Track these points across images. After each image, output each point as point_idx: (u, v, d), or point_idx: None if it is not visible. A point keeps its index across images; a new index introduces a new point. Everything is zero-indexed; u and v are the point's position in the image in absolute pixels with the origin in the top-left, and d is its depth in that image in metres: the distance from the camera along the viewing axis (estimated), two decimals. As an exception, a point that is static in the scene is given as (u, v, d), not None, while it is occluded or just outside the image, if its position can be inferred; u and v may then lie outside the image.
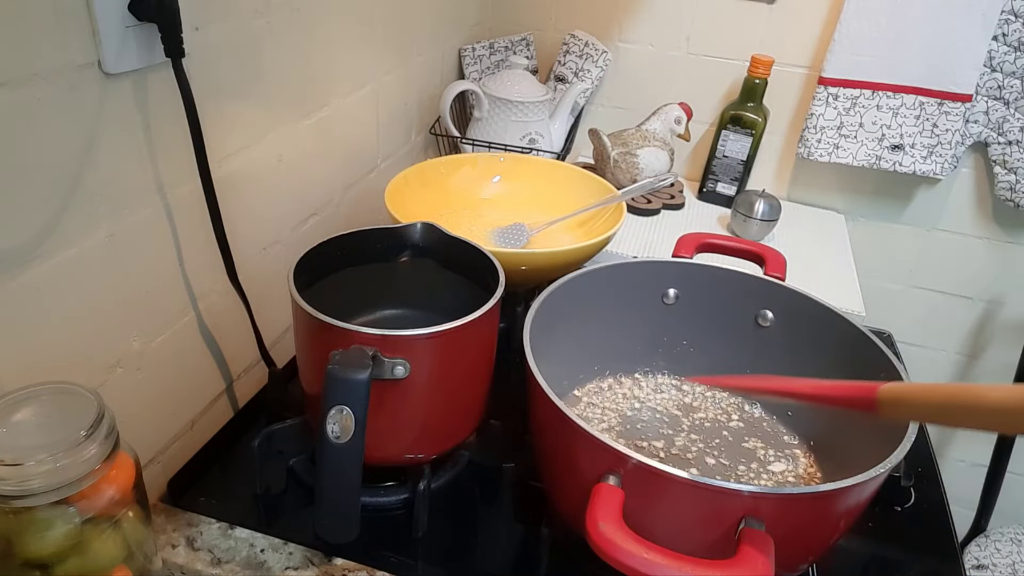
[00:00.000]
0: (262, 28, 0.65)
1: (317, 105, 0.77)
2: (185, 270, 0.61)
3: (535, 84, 1.13)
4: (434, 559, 0.58)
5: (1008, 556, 1.15)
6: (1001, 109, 1.16)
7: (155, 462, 0.62)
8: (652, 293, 0.71)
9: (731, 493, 0.44)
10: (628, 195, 0.88)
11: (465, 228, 0.92)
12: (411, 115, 1.05)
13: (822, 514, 0.48)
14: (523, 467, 0.64)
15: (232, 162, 0.64)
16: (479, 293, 0.61)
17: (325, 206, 0.83)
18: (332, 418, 0.47)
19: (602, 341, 0.71)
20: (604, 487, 0.45)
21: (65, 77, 0.45)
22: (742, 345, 0.70)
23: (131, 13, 0.48)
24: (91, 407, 0.42)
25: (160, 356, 0.60)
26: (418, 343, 0.53)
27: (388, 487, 0.63)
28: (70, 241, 0.48)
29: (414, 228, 0.69)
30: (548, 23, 1.32)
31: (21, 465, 0.38)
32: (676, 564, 0.41)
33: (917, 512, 0.68)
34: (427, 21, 1.05)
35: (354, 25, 0.81)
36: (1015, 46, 1.11)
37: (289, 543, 0.58)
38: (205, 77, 0.58)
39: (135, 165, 0.53)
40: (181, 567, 0.55)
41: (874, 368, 0.58)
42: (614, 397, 0.71)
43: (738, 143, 1.20)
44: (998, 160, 1.19)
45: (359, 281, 0.68)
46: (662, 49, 1.28)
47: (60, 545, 0.41)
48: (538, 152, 1.10)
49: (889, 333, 0.96)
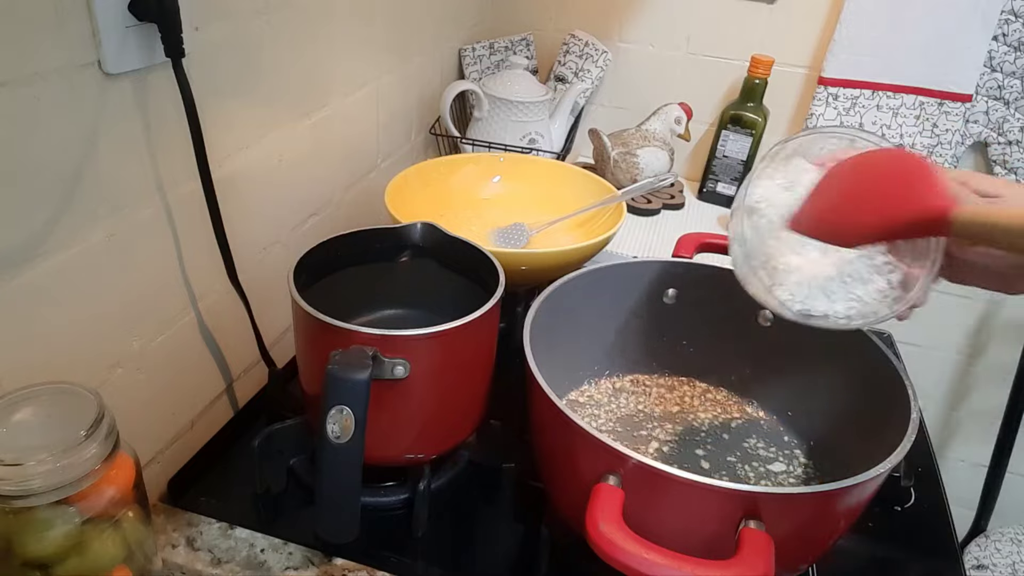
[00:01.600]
0: (262, 28, 0.65)
1: (317, 105, 0.77)
2: (185, 270, 0.61)
3: (535, 84, 1.13)
4: (434, 559, 0.58)
5: (1008, 556, 1.15)
6: (1001, 109, 1.16)
7: (155, 462, 0.62)
8: (652, 293, 0.71)
9: (731, 493, 0.44)
10: (628, 195, 0.88)
11: (465, 228, 0.92)
12: (411, 115, 1.05)
13: (822, 514, 0.48)
14: (523, 467, 0.64)
15: (232, 162, 0.64)
16: (479, 293, 0.61)
17: (325, 206, 0.83)
18: (332, 418, 0.47)
19: (602, 341, 0.71)
20: (604, 487, 0.45)
21: (65, 77, 0.45)
22: (742, 345, 0.70)
23: (131, 13, 0.48)
24: (91, 407, 0.42)
25: (160, 356, 0.60)
26: (418, 343, 0.53)
27: (388, 487, 0.63)
28: (70, 241, 0.48)
29: (414, 228, 0.69)
30: (548, 23, 1.32)
31: (21, 465, 0.38)
32: (676, 564, 0.41)
33: (917, 512, 0.68)
34: (427, 21, 1.05)
35: (354, 25, 0.81)
36: (1015, 46, 1.11)
37: (289, 543, 0.58)
38: (205, 77, 0.58)
39: (135, 165, 0.53)
40: (181, 567, 0.55)
41: (874, 368, 0.58)
42: (614, 397, 0.71)
43: (738, 143, 1.20)
44: (998, 160, 1.19)
45: (359, 281, 0.68)
46: (662, 49, 1.28)
47: (60, 545, 0.41)
48: (538, 152, 1.10)
49: (889, 333, 0.96)
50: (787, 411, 0.69)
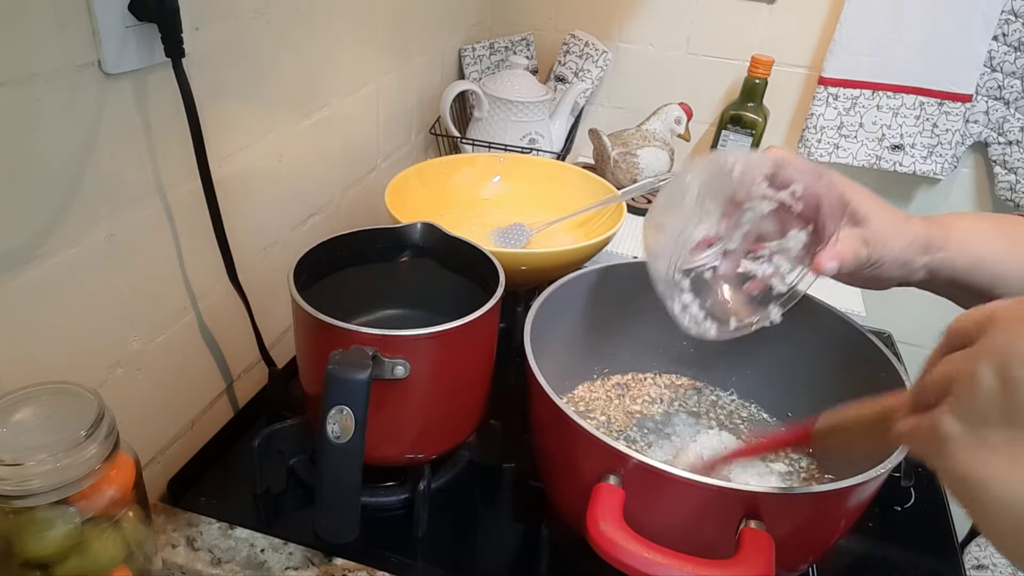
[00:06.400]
0: (262, 28, 0.65)
1: (317, 105, 0.77)
2: (185, 270, 0.61)
3: (535, 84, 1.13)
4: (434, 559, 0.58)
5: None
6: (1001, 109, 1.16)
7: (155, 462, 0.62)
8: (652, 293, 0.71)
9: (731, 493, 0.44)
10: (628, 195, 0.88)
11: (465, 228, 0.92)
12: (411, 115, 1.05)
13: (822, 514, 0.48)
14: (523, 467, 0.64)
15: (232, 162, 0.64)
16: (479, 293, 0.61)
17: (325, 206, 0.83)
18: (332, 418, 0.47)
19: (602, 341, 0.71)
20: (604, 487, 0.45)
21: (65, 77, 0.45)
22: (743, 346, 0.70)
23: (131, 13, 0.48)
24: (91, 407, 0.42)
25: (160, 356, 0.60)
26: (418, 343, 0.53)
27: (388, 487, 0.63)
28: (70, 241, 0.48)
29: (414, 228, 0.69)
30: (548, 23, 1.32)
31: (21, 465, 0.38)
32: (677, 563, 0.41)
33: (917, 512, 0.68)
34: (427, 21, 1.05)
35: (354, 25, 0.81)
36: (1015, 46, 1.11)
37: (289, 543, 0.58)
38: (205, 77, 0.58)
39: (135, 165, 0.53)
40: (181, 567, 0.55)
41: (874, 368, 0.58)
42: (614, 397, 0.71)
43: (738, 143, 1.20)
44: (998, 160, 1.19)
45: (359, 281, 0.68)
46: (662, 49, 1.28)
47: (60, 545, 0.41)
48: (538, 152, 1.10)
49: (889, 333, 0.96)
50: (788, 411, 0.69)
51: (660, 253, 0.53)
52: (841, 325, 0.63)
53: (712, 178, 0.52)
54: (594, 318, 0.69)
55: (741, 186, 0.51)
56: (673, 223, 0.52)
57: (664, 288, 0.54)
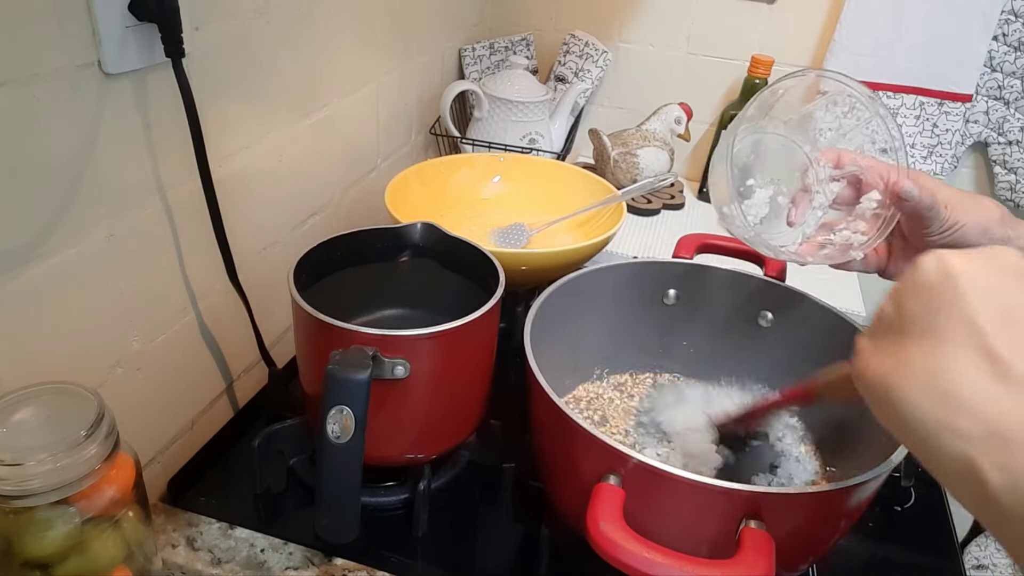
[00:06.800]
0: (262, 28, 0.65)
1: (317, 105, 0.77)
2: (185, 270, 0.61)
3: (535, 84, 1.13)
4: (434, 559, 0.58)
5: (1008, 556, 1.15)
6: (1001, 109, 1.16)
7: (155, 462, 0.62)
8: (652, 293, 0.71)
9: (731, 493, 0.44)
10: (628, 195, 0.88)
11: (465, 228, 0.92)
12: (411, 115, 1.05)
13: (822, 514, 0.48)
14: (523, 467, 0.64)
15: (232, 162, 0.64)
16: (479, 293, 0.61)
17: (325, 206, 0.83)
18: (332, 418, 0.47)
19: (602, 341, 0.71)
20: (605, 487, 0.45)
21: (65, 77, 0.45)
22: (742, 345, 0.70)
23: (131, 13, 0.48)
24: (91, 407, 0.42)
25: (160, 356, 0.60)
26: (418, 343, 0.53)
27: (388, 487, 0.63)
28: (70, 241, 0.48)
29: (414, 228, 0.69)
30: (548, 23, 1.32)
31: (21, 465, 0.38)
32: (677, 563, 0.41)
33: (917, 512, 0.68)
34: (427, 21, 1.05)
35: (354, 25, 0.81)
36: (1015, 46, 1.11)
37: (289, 543, 0.58)
38: (205, 77, 0.58)
39: (135, 165, 0.53)
40: (181, 567, 0.55)
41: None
42: (614, 397, 0.71)
43: (738, 143, 1.20)
44: (998, 160, 1.19)
45: (359, 281, 0.68)
46: (662, 49, 1.28)
47: (60, 545, 0.41)
48: (538, 152, 1.10)
49: (889, 333, 0.96)
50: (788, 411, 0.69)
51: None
52: (841, 325, 0.63)
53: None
54: (594, 318, 0.69)
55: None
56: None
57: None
